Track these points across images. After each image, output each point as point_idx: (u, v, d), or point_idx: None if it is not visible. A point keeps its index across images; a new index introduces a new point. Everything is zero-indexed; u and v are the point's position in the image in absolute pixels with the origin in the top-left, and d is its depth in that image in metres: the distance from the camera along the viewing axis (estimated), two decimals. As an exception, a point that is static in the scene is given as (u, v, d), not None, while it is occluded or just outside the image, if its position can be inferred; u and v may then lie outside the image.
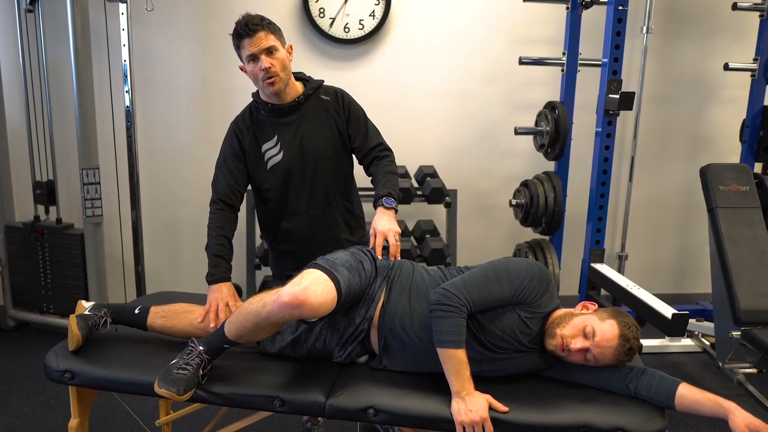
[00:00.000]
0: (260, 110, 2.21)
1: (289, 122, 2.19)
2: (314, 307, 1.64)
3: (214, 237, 2.10)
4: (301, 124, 2.20)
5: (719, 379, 3.33)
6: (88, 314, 2.00)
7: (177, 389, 1.68)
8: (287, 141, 2.19)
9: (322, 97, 2.24)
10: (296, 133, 2.19)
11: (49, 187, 3.72)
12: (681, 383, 1.67)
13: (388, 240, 2.02)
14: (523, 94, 4.07)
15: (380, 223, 2.05)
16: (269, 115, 2.20)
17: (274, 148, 2.19)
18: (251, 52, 2.04)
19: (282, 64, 2.08)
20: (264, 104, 2.18)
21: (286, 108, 2.18)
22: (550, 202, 3.59)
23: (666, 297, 3.15)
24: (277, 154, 2.19)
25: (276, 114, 2.19)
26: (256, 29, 2.02)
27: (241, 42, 2.06)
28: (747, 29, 3.95)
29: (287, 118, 2.19)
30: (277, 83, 2.08)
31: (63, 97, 3.77)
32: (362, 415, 1.72)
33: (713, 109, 4.23)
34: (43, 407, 2.95)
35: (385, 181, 2.19)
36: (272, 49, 2.06)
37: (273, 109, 2.18)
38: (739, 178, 3.11)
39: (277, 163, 2.19)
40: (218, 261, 2.06)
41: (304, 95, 2.20)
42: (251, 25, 2.02)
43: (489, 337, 1.76)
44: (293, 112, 2.19)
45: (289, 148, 2.19)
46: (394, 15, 3.90)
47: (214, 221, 2.13)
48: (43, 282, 3.75)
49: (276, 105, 2.17)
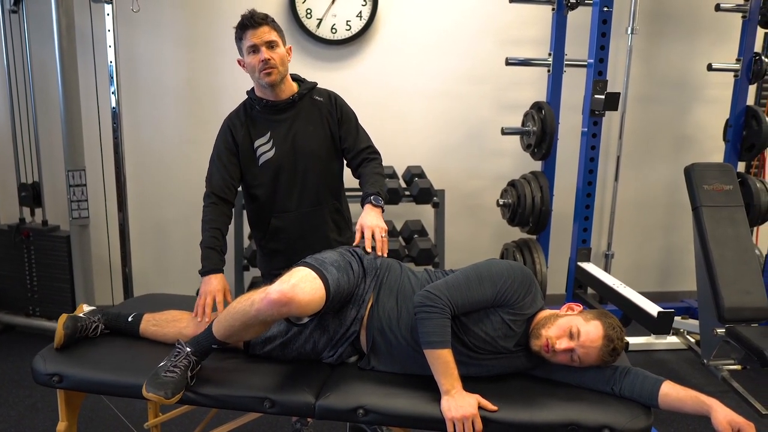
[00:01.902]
0: (255, 106, 2.25)
1: (282, 119, 2.24)
2: (303, 304, 1.64)
3: (207, 230, 2.13)
4: (294, 121, 2.24)
5: (704, 375, 3.37)
6: (81, 317, 2.00)
7: (165, 393, 1.68)
8: (280, 138, 2.23)
9: (316, 98, 2.29)
10: (289, 131, 2.23)
11: (34, 189, 3.69)
12: (664, 382, 1.69)
13: (374, 236, 2.04)
14: (509, 95, 4.10)
15: (367, 219, 2.09)
16: (263, 112, 2.24)
17: (266, 144, 2.23)
18: (253, 43, 2.10)
19: (281, 58, 2.14)
20: (259, 100, 2.23)
21: (281, 105, 2.22)
22: (537, 202, 3.61)
23: (652, 295, 3.19)
24: (269, 151, 2.23)
25: (270, 111, 2.23)
26: (261, 23, 2.10)
27: (244, 33, 2.12)
28: (730, 30, 4.00)
29: (281, 115, 2.24)
30: (274, 74, 2.13)
31: (48, 98, 3.74)
32: (352, 415, 1.72)
33: (697, 109, 4.28)
34: (31, 411, 2.93)
35: (373, 181, 2.23)
36: (273, 43, 2.12)
37: (267, 105, 2.22)
38: (722, 177, 3.15)
39: (269, 159, 2.23)
40: (209, 253, 2.08)
41: (298, 94, 2.24)
42: (256, 18, 2.11)
43: (473, 339, 1.78)
44: (287, 110, 2.24)
45: (282, 145, 2.22)
46: (381, 16, 3.91)
47: (207, 215, 2.17)
48: (29, 285, 3.72)
49: (271, 101, 2.22)
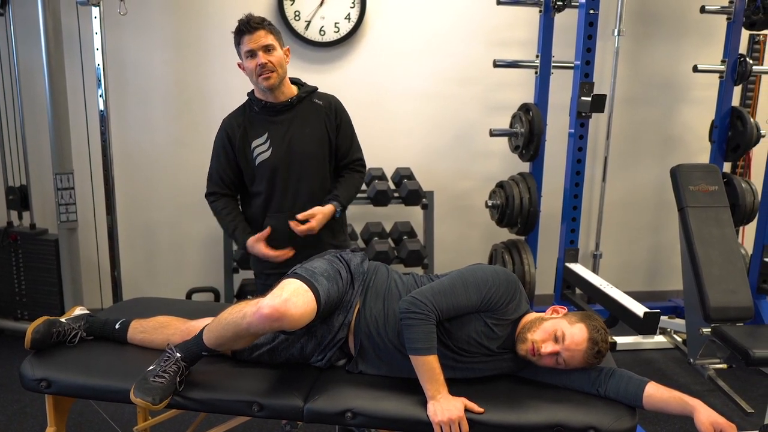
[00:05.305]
0: (254, 107, 2.30)
1: (280, 121, 2.28)
2: (295, 318, 1.65)
3: (223, 216, 2.34)
4: (292, 123, 2.29)
5: (691, 374, 3.40)
6: (62, 321, 1.99)
7: (152, 398, 1.68)
8: (277, 139, 2.27)
9: (315, 101, 2.34)
10: (286, 132, 2.28)
11: (22, 192, 3.67)
12: (648, 383, 1.71)
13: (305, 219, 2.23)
14: (497, 96, 4.12)
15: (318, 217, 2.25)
16: (262, 112, 2.29)
17: (263, 144, 2.28)
18: (250, 48, 2.16)
19: (278, 62, 2.20)
20: (258, 101, 2.28)
21: (279, 107, 2.27)
22: (525, 203, 3.63)
23: (640, 294, 3.22)
24: (266, 151, 2.28)
25: (269, 112, 2.28)
26: (257, 27, 2.15)
27: (242, 38, 2.18)
28: (715, 32, 4.03)
29: (279, 116, 2.29)
30: (272, 78, 2.19)
31: (35, 101, 3.72)
32: (340, 418, 1.73)
33: (683, 110, 4.32)
34: (19, 415, 2.92)
35: (346, 188, 2.37)
36: (270, 47, 2.17)
37: (266, 106, 2.27)
38: (707, 178, 3.17)
39: (265, 159, 2.28)
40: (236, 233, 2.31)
41: (297, 97, 2.30)
42: (252, 23, 2.15)
43: (457, 342, 1.79)
44: (285, 112, 2.29)
45: (278, 146, 2.27)
46: (369, 18, 3.91)
47: (216, 208, 2.36)
48: (17, 288, 3.70)
49: (269, 103, 2.27)
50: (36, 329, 1.93)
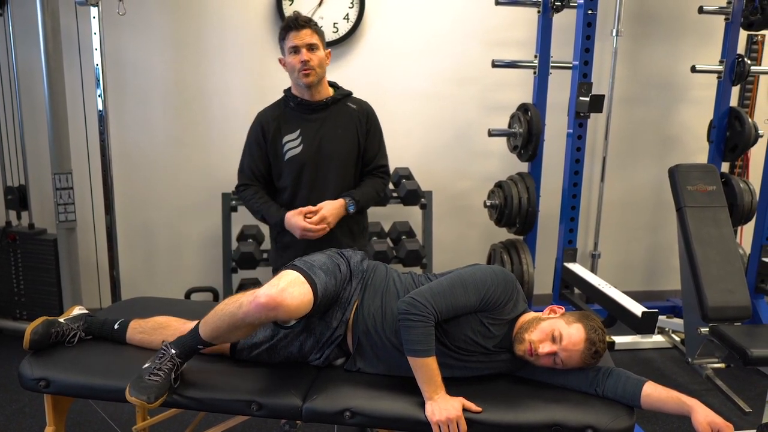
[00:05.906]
0: (290, 103, 2.36)
1: (314, 119, 2.34)
2: (291, 309, 1.66)
3: (255, 200, 2.38)
4: (324, 123, 2.34)
5: (689, 374, 3.40)
6: (61, 322, 1.99)
7: (147, 397, 1.68)
8: (309, 136, 2.33)
9: (349, 105, 2.40)
10: (318, 131, 2.33)
11: (20, 192, 3.67)
12: (646, 383, 1.72)
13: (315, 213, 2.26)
14: (496, 96, 4.12)
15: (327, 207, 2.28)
16: (297, 109, 2.35)
17: (295, 140, 2.33)
18: (295, 44, 2.23)
19: (319, 61, 2.27)
20: (294, 98, 2.34)
21: (314, 105, 2.33)
22: (524, 203, 3.63)
23: (639, 294, 3.22)
24: (296, 147, 2.33)
25: (304, 109, 2.34)
26: (304, 26, 2.23)
27: (288, 34, 2.25)
28: (713, 32, 4.03)
29: (313, 115, 2.34)
30: (312, 76, 2.25)
31: (34, 100, 3.72)
32: (339, 417, 1.74)
33: (681, 110, 4.32)
34: (18, 415, 2.92)
35: (365, 191, 2.39)
36: (314, 46, 2.25)
37: (302, 103, 2.33)
38: (705, 177, 3.18)
39: (295, 155, 2.33)
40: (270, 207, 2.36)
41: (332, 98, 2.36)
42: (300, 21, 2.24)
43: (454, 341, 1.80)
44: (320, 111, 2.34)
45: (309, 144, 2.32)
46: (368, 18, 3.92)
47: (245, 196, 2.41)
48: (15, 288, 3.70)
49: (305, 100, 2.33)
50: (35, 330, 1.92)
